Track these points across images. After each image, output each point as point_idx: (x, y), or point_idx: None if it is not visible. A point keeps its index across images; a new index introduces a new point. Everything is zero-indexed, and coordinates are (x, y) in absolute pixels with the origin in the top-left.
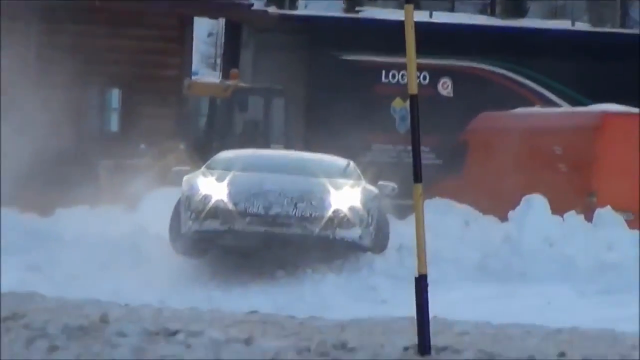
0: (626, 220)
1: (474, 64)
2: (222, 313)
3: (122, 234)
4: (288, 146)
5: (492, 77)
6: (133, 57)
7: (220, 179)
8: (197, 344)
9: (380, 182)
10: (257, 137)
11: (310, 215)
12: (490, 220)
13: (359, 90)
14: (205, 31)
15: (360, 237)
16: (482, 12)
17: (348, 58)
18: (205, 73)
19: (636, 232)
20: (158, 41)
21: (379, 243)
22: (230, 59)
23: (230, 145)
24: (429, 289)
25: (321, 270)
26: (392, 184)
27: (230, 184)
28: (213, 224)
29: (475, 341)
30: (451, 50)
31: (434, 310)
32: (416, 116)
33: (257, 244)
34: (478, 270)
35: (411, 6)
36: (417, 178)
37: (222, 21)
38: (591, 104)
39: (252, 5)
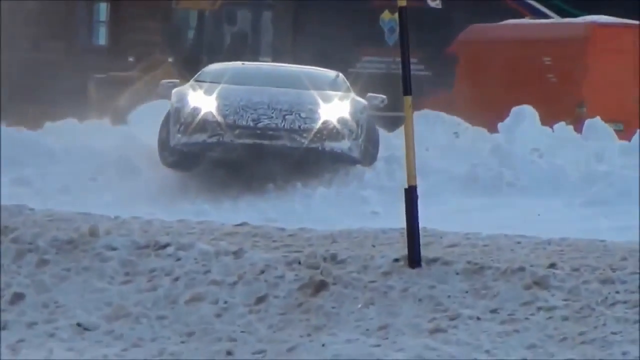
0: (615, 131)
1: None
2: (211, 225)
3: (111, 147)
4: (276, 59)
5: None
6: None
7: (209, 92)
8: (187, 257)
9: (370, 94)
10: (246, 50)
11: (299, 127)
12: (480, 131)
13: (348, 1)
14: None
15: (349, 148)
16: None
17: None
18: None
19: (625, 143)
20: None
21: (369, 155)
22: None
23: (219, 59)
24: (419, 200)
25: (311, 183)
26: (381, 96)
27: (219, 97)
28: (202, 137)
29: (465, 252)
30: None
31: (423, 221)
32: (405, 28)
33: (246, 157)
34: (467, 181)
35: None
36: (407, 90)
37: None
38: (582, 15)
39: None
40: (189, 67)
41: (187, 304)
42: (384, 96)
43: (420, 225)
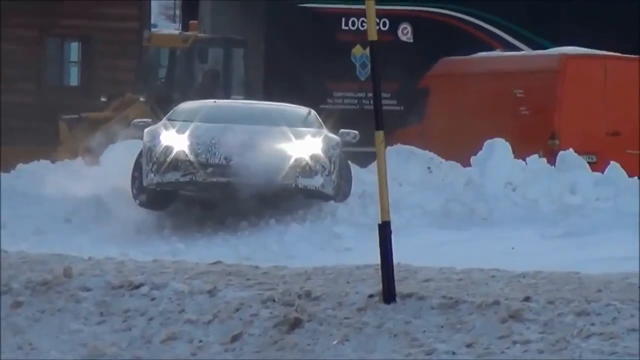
0: (589, 163)
1: (433, 9)
2: (185, 264)
3: (84, 188)
4: (248, 96)
5: (452, 21)
6: (92, 10)
7: (181, 131)
8: (161, 297)
9: (342, 130)
10: (218, 87)
11: (272, 164)
12: (453, 165)
13: (319, 38)
14: None
15: (322, 185)
16: None
17: (306, 5)
18: (164, 24)
19: (599, 174)
20: None
21: (342, 191)
22: (189, 9)
23: (191, 97)
24: (393, 235)
25: (284, 219)
26: (353, 131)
27: (191, 135)
28: (175, 176)
29: (439, 287)
30: None
31: (397, 257)
32: (376, 63)
33: (220, 195)
34: (441, 215)
35: None
36: (379, 125)
37: None
38: (551, 47)
39: None
40: (161, 105)
41: (162, 343)
42: (356, 132)
43: (395, 260)
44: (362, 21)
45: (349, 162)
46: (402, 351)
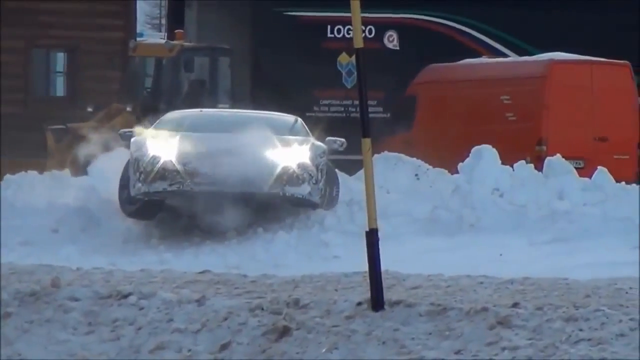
0: (576, 168)
1: (419, 16)
2: (173, 274)
3: (71, 198)
4: (235, 105)
5: (438, 28)
6: (77, 20)
7: (168, 140)
8: (150, 306)
9: (329, 138)
10: (204, 96)
11: (259, 173)
12: (440, 172)
13: (305, 46)
14: None
15: (309, 193)
16: None
17: (292, 14)
18: (150, 34)
19: (586, 179)
20: (102, 3)
21: (329, 199)
22: (174, 18)
23: (177, 106)
24: (380, 243)
25: (272, 228)
26: (340, 139)
27: (178, 145)
28: (162, 185)
29: (428, 294)
30: (396, 2)
31: (385, 264)
32: (362, 70)
33: (207, 204)
34: (429, 223)
35: None
36: (365, 132)
37: None
38: (538, 53)
39: None
40: (148, 115)
41: (151, 352)
42: (343, 139)
43: (383, 267)
44: (348, 29)
45: (337, 170)
46: (391, 358)
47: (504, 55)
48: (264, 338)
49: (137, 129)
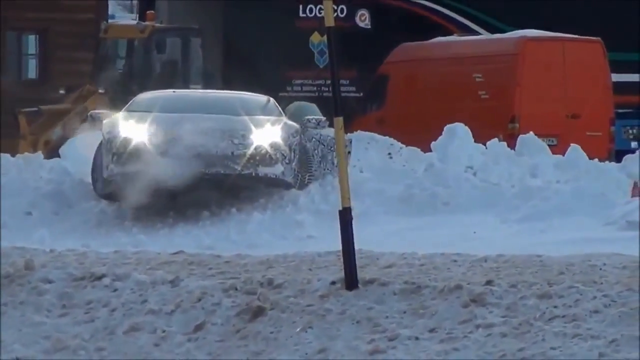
0: (549, 146)
1: None
2: (147, 255)
3: (44, 181)
4: (207, 85)
5: (409, 7)
6: (48, 2)
7: (140, 121)
8: (124, 287)
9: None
10: (176, 77)
11: (232, 153)
12: (413, 151)
13: (277, 25)
14: None
15: (282, 173)
16: None
17: None
18: (121, 15)
19: (559, 157)
20: None
21: (302, 178)
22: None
23: (150, 87)
24: (354, 222)
25: (245, 208)
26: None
27: (150, 126)
28: (135, 166)
29: (401, 272)
30: None
31: (359, 243)
32: (334, 49)
33: (180, 185)
34: (402, 201)
35: None
36: (337, 111)
37: None
38: (510, 30)
39: None
40: (120, 96)
41: (125, 334)
42: (323, 118)
43: (356, 247)
44: (320, 8)
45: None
46: (365, 337)
47: (476, 33)
48: (238, 318)
49: (106, 111)
